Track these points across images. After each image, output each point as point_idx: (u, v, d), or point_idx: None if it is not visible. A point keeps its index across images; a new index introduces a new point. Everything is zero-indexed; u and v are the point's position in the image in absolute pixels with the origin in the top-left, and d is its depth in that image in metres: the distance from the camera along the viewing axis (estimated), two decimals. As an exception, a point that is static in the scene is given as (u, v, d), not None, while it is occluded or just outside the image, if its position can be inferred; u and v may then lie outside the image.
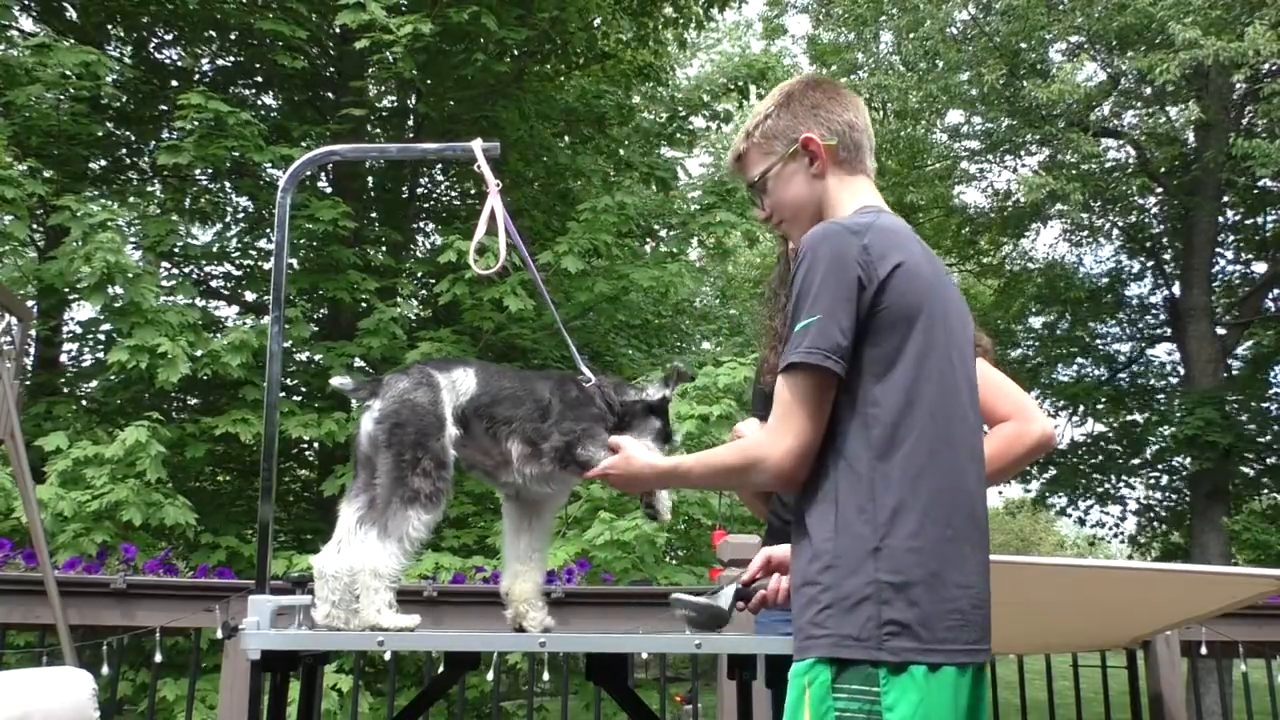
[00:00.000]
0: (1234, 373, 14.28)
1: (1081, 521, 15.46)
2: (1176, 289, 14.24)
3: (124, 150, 9.50)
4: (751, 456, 1.58)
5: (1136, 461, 14.99)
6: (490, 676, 4.03)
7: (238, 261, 9.59)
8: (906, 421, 1.48)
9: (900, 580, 1.42)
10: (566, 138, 10.44)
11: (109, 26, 9.39)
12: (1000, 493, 16.75)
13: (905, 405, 1.49)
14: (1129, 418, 14.77)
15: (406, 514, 1.82)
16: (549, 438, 1.95)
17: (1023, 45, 12.83)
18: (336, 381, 1.98)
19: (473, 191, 10.67)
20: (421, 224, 11.38)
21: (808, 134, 1.71)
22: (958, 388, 1.55)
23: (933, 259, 1.62)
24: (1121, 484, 15.34)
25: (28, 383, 7.65)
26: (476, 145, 2.09)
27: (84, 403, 8.48)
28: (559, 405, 1.97)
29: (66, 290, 7.69)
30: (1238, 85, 12.24)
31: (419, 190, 10.90)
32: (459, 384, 1.94)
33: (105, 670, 3.57)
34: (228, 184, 9.22)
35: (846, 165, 1.72)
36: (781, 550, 1.88)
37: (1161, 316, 15.13)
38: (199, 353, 7.18)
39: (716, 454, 1.67)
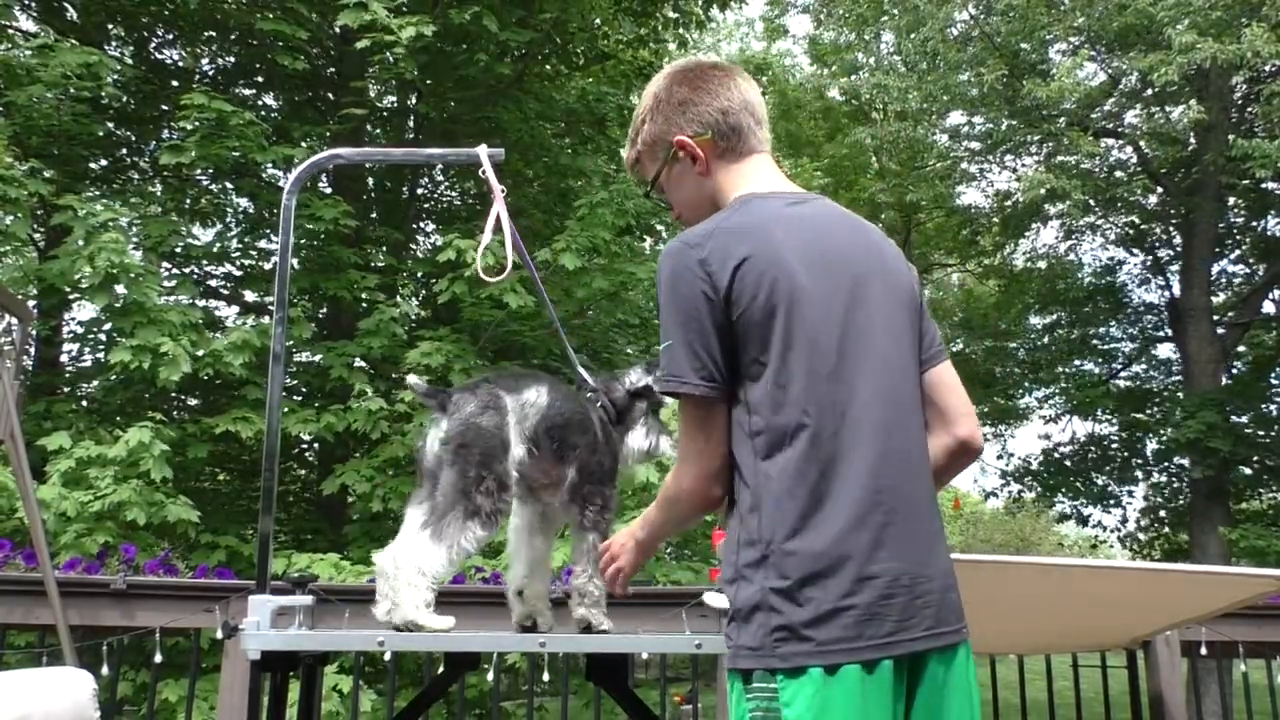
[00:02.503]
0: (1234, 373, 14.28)
1: (1084, 521, 15.45)
2: (1177, 289, 14.24)
3: (124, 150, 9.51)
4: (670, 492, 1.59)
5: (1137, 462, 15.00)
6: (490, 676, 4.04)
7: (238, 261, 9.60)
8: (779, 421, 1.44)
9: (785, 585, 1.39)
10: (567, 138, 10.44)
11: (109, 26, 9.40)
12: (998, 493, 16.70)
13: (775, 404, 1.45)
14: (1130, 418, 14.75)
15: (465, 525, 1.85)
16: (590, 475, 2.03)
17: (1023, 45, 12.83)
18: (412, 380, 2.01)
19: (473, 192, 10.68)
20: (421, 224, 11.39)
21: (679, 136, 1.65)
22: (851, 366, 1.48)
23: (807, 234, 1.52)
24: (1123, 485, 15.34)
25: (27, 383, 7.65)
26: (482, 151, 2.09)
27: (84, 403, 8.48)
28: (604, 443, 2.05)
29: (68, 290, 7.70)
30: (1238, 86, 12.24)
31: (419, 190, 10.91)
32: (529, 405, 1.97)
33: (105, 670, 3.57)
34: (229, 184, 9.22)
35: (730, 153, 1.65)
36: None
37: (1162, 317, 15.14)
38: (200, 352, 7.18)
39: (658, 500, 1.67)
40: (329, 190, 9.09)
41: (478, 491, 1.86)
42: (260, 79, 9.82)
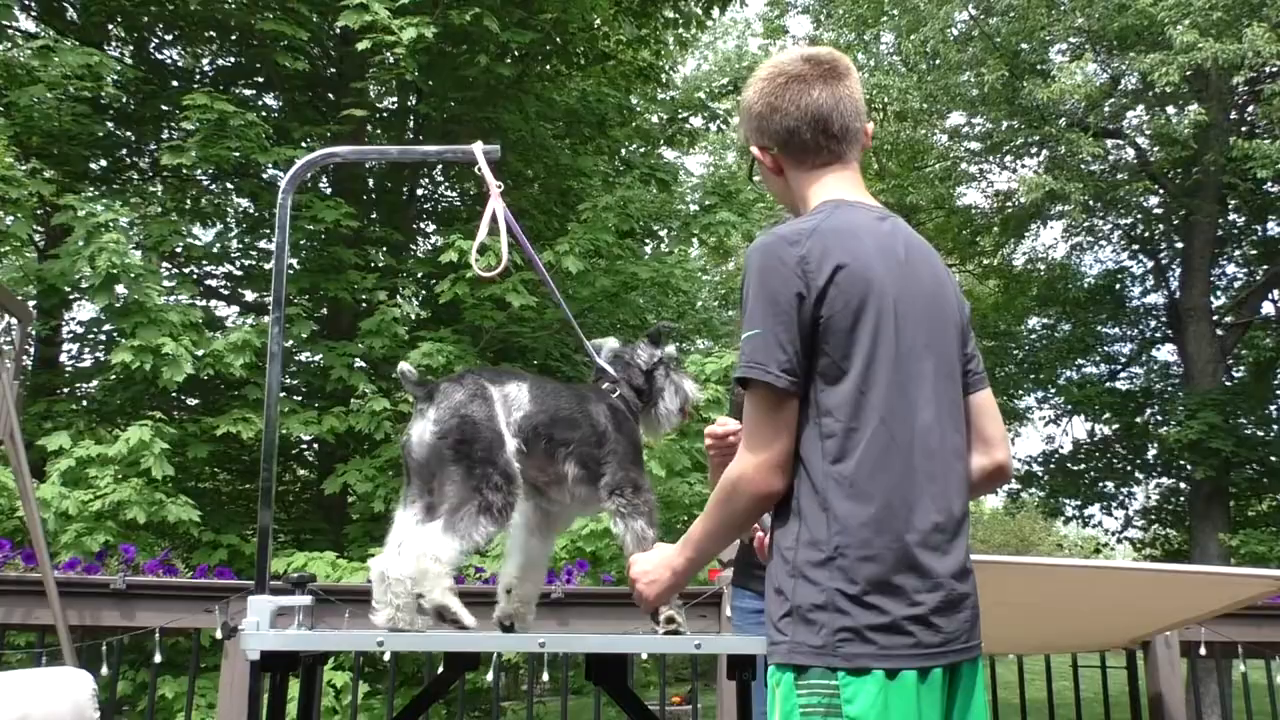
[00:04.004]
0: (1234, 375, 14.28)
1: (1085, 523, 15.45)
2: (1176, 290, 14.24)
3: (124, 150, 9.51)
4: (729, 480, 1.58)
5: (1138, 463, 15.00)
6: (490, 676, 4.04)
7: (239, 261, 9.60)
8: (857, 427, 1.48)
9: (854, 590, 1.43)
10: (567, 139, 10.45)
11: (109, 26, 9.40)
12: (998, 493, 16.71)
13: (854, 410, 1.48)
14: (1130, 419, 14.75)
15: (477, 520, 1.82)
16: (605, 468, 1.98)
17: (1023, 46, 12.83)
18: (403, 367, 1.98)
19: (473, 192, 10.68)
20: (422, 224, 11.38)
21: (755, 146, 1.74)
22: (919, 385, 1.53)
23: (894, 251, 1.58)
24: (1123, 486, 15.34)
25: (27, 383, 7.65)
26: (477, 148, 2.09)
27: (84, 403, 8.49)
28: (614, 433, 2.01)
29: (68, 290, 7.70)
30: (1239, 87, 12.24)
31: (419, 191, 10.90)
32: (511, 399, 1.94)
33: (105, 670, 3.57)
34: (229, 185, 9.22)
35: (803, 165, 1.70)
36: None
37: (1162, 318, 15.13)
38: (200, 352, 7.19)
39: (709, 500, 1.66)
40: (330, 191, 9.10)
41: (487, 488, 1.83)
42: (260, 79, 9.81)
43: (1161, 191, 13.90)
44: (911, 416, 1.51)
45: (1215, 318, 13.83)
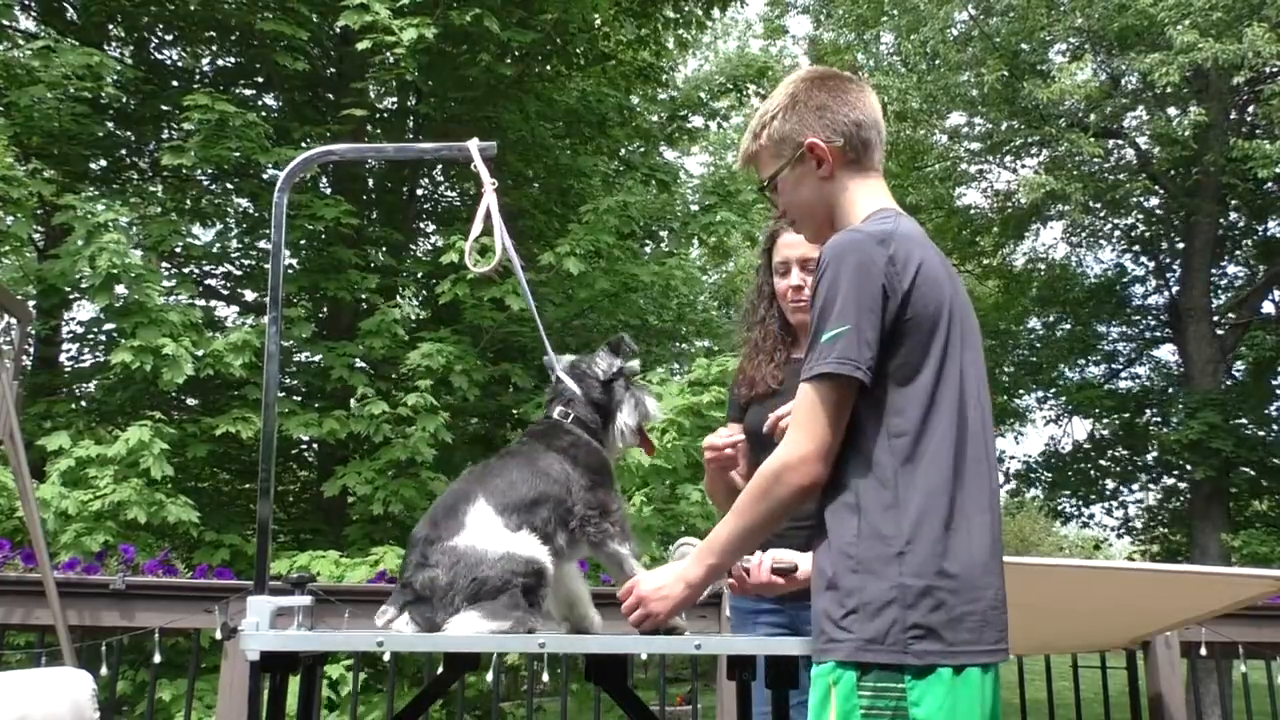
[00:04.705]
0: (1234, 374, 14.27)
1: (1086, 524, 15.46)
2: (1176, 290, 14.23)
3: (124, 150, 9.51)
4: (770, 473, 1.57)
5: (1138, 463, 14.99)
6: (490, 676, 4.03)
7: (238, 261, 9.60)
8: (929, 428, 1.51)
9: (924, 585, 1.45)
10: (567, 139, 10.45)
11: (109, 26, 9.39)
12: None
13: (928, 412, 1.51)
14: (1131, 419, 14.75)
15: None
16: (574, 509, 1.92)
17: (1023, 46, 12.83)
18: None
19: (472, 192, 10.67)
20: (421, 224, 11.38)
21: (813, 139, 1.68)
22: (974, 390, 1.57)
23: (944, 260, 1.63)
24: (1124, 486, 15.33)
25: (27, 383, 7.65)
26: (473, 145, 2.09)
27: (84, 403, 8.48)
28: (572, 473, 1.94)
29: (68, 290, 7.69)
30: (1239, 87, 12.24)
31: (419, 191, 10.90)
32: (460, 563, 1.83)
33: (104, 671, 3.57)
34: (229, 185, 9.22)
35: (855, 165, 1.70)
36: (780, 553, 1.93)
37: (1162, 318, 15.13)
38: (200, 352, 7.18)
39: (740, 499, 1.63)
40: (329, 191, 9.09)
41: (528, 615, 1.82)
42: (260, 79, 9.81)
43: (1161, 191, 13.90)
44: (970, 420, 1.55)
45: (1215, 318, 13.83)
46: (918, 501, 1.48)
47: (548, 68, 9.97)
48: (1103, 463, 15.29)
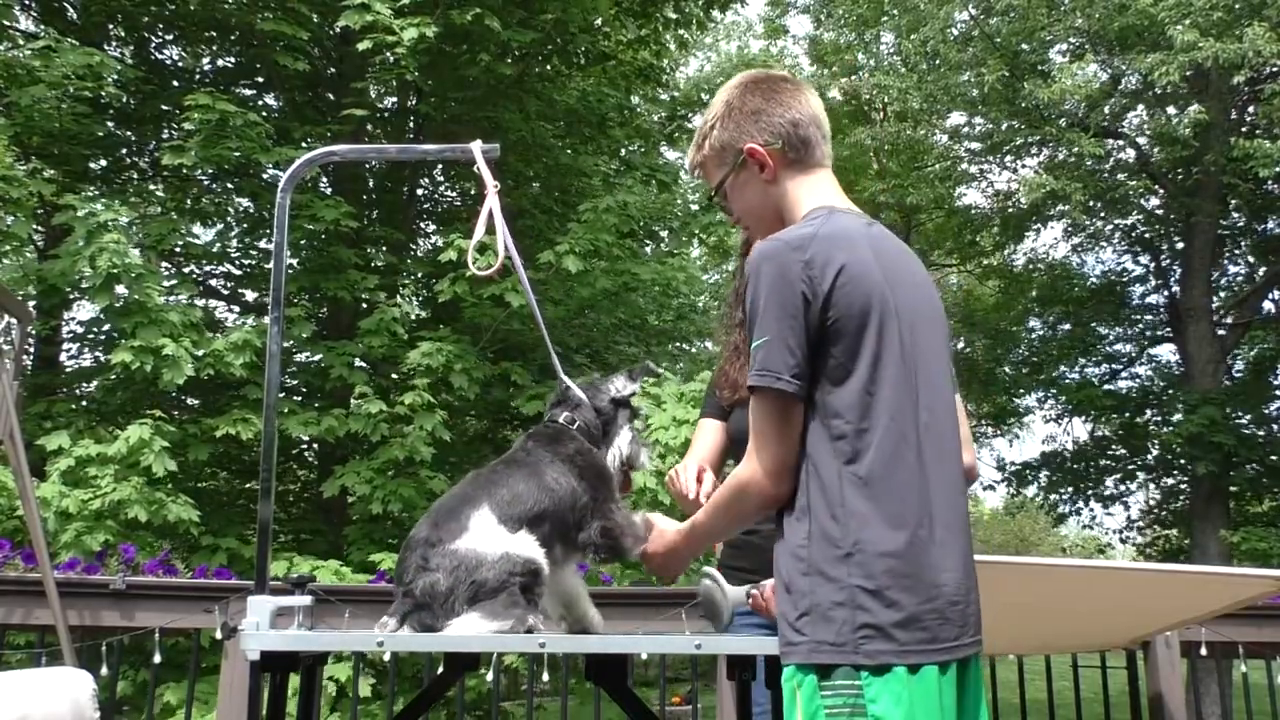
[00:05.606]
0: (1234, 374, 14.27)
1: (1089, 526, 15.46)
2: (1176, 290, 14.23)
3: (124, 150, 9.51)
4: (737, 485, 1.61)
5: (1138, 463, 14.99)
6: (490, 677, 4.03)
7: (238, 261, 9.60)
8: (867, 427, 1.50)
9: (873, 585, 1.44)
10: (567, 138, 10.45)
11: (109, 26, 9.40)
12: (993, 486, 16.69)
13: (864, 411, 1.50)
14: (1131, 419, 14.75)
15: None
16: (581, 522, 1.92)
17: (1023, 46, 12.83)
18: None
19: (472, 192, 10.68)
20: (421, 224, 11.39)
21: (750, 144, 1.69)
22: (919, 384, 1.55)
23: (887, 254, 1.60)
24: (1124, 485, 15.33)
25: (27, 383, 7.65)
26: (475, 147, 2.09)
27: (84, 403, 8.48)
28: (578, 484, 1.93)
29: (68, 290, 7.69)
30: (1239, 87, 12.24)
31: (419, 191, 10.91)
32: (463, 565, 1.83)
33: (105, 671, 3.57)
34: (229, 185, 9.23)
35: (798, 165, 1.70)
36: None
37: (1162, 318, 15.13)
38: (200, 353, 7.18)
39: (714, 498, 1.69)
40: (329, 191, 9.09)
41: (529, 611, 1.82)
42: (261, 79, 9.82)
43: (1161, 191, 13.89)
44: (918, 415, 1.53)
45: (1215, 318, 13.83)
46: (862, 502, 1.47)
47: (548, 67, 9.97)
48: (1103, 462, 15.28)
